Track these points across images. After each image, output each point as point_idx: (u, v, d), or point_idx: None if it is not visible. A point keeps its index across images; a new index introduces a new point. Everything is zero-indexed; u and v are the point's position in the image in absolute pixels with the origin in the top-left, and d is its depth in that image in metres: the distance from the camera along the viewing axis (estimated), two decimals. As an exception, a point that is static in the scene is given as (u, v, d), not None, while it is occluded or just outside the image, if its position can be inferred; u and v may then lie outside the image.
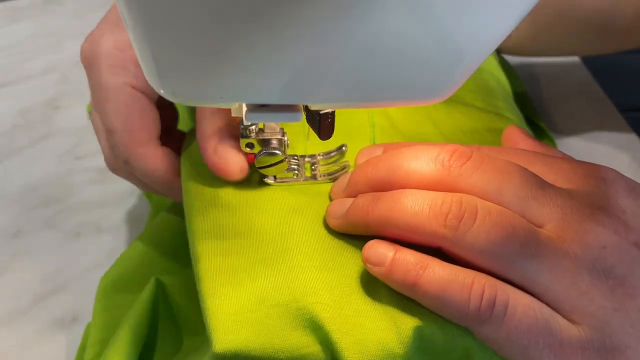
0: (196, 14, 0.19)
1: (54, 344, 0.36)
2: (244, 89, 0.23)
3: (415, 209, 0.24)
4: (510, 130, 0.34)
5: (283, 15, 0.19)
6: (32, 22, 0.64)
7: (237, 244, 0.28)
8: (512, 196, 0.25)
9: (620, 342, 0.23)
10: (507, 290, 0.23)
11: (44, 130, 0.51)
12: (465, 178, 0.25)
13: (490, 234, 0.23)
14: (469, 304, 0.23)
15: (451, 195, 0.24)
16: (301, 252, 0.27)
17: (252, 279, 0.26)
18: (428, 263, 0.24)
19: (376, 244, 0.25)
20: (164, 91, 0.22)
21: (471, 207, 0.24)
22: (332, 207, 0.28)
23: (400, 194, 0.25)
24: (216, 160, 0.29)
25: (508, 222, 0.24)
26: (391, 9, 0.20)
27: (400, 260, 0.24)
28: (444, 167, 0.25)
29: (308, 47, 0.21)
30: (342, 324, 0.24)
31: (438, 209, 0.24)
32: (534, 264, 0.23)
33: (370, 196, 0.26)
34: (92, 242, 0.42)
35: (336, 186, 0.30)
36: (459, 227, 0.23)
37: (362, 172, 0.28)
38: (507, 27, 0.23)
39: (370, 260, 0.25)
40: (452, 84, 0.25)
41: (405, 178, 0.26)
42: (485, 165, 0.25)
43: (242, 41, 0.20)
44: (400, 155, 0.26)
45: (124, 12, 0.20)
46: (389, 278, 0.24)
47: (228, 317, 0.24)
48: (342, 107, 0.30)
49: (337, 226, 0.27)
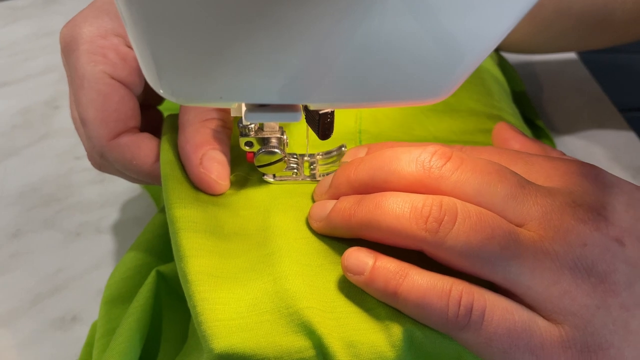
0: (196, 14, 0.19)
1: (54, 344, 0.36)
2: (243, 89, 0.23)
3: (397, 212, 0.24)
4: (500, 128, 0.34)
5: (283, 14, 0.19)
6: (32, 22, 0.64)
7: (224, 245, 0.27)
8: (492, 196, 0.25)
9: (603, 340, 0.23)
10: (484, 295, 0.24)
11: (44, 130, 0.51)
12: (445, 179, 0.25)
13: (469, 236, 0.23)
14: (447, 312, 0.23)
15: (432, 198, 0.24)
16: (289, 256, 0.26)
17: (242, 284, 0.26)
18: (407, 272, 0.24)
19: (355, 252, 0.25)
20: (163, 90, 0.22)
21: (451, 210, 0.24)
22: (314, 210, 0.28)
23: (382, 197, 0.25)
24: (201, 173, 0.29)
25: (487, 224, 0.24)
26: (391, 9, 0.20)
27: (380, 268, 0.24)
28: (425, 169, 0.25)
29: (307, 46, 0.21)
30: (333, 327, 0.24)
31: (419, 212, 0.24)
32: (515, 265, 0.24)
33: (353, 199, 0.26)
34: (92, 242, 0.42)
35: (319, 188, 0.30)
36: (439, 230, 0.24)
37: (344, 174, 0.28)
38: (506, 26, 0.23)
39: (350, 269, 0.25)
40: (452, 84, 0.25)
41: (387, 180, 0.26)
42: (465, 166, 0.25)
43: (241, 41, 0.20)
44: (382, 158, 0.26)
45: (123, 11, 0.20)
46: (370, 287, 0.25)
47: (221, 322, 0.24)
48: (342, 107, 0.30)
49: (319, 229, 0.27)
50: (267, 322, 0.24)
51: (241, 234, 0.28)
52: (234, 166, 0.31)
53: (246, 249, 0.27)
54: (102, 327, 0.33)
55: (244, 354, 0.24)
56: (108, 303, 0.34)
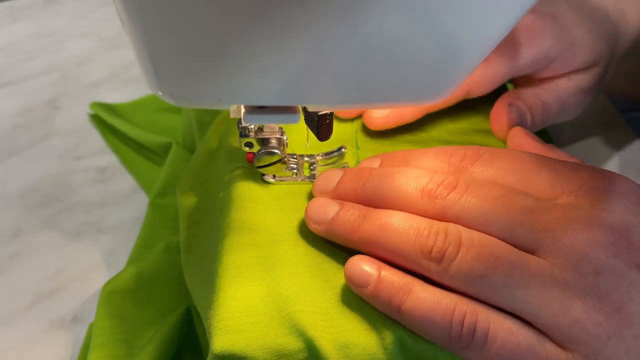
0: (194, 15, 0.19)
1: (54, 344, 0.36)
2: (241, 91, 0.23)
3: (402, 237, 0.24)
4: (515, 133, 0.34)
5: (282, 16, 0.19)
6: (32, 22, 0.64)
7: (229, 244, 0.28)
8: (498, 224, 0.24)
9: None
10: (489, 316, 0.23)
11: (44, 130, 0.51)
12: (449, 209, 0.25)
13: (472, 266, 0.23)
14: (450, 331, 0.23)
15: (437, 226, 0.24)
16: (287, 259, 0.27)
17: (236, 285, 0.26)
18: (411, 287, 0.24)
19: (359, 262, 0.25)
20: (161, 92, 0.22)
21: (455, 240, 0.24)
22: (314, 210, 0.27)
23: (387, 219, 0.25)
24: None
25: (491, 253, 0.23)
26: (390, 10, 0.20)
27: (384, 282, 0.24)
28: (430, 199, 0.25)
29: (306, 48, 0.21)
30: (325, 329, 0.24)
31: (424, 240, 0.24)
32: (520, 294, 0.23)
33: (357, 212, 0.26)
34: (92, 242, 0.42)
35: (320, 183, 0.29)
36: (442, 261, 0.24)
37: (352, 185, 0.27)
38: (505, 27, 0.23)
39: (354, 281, 0.25)
40: (452, 84, 0.25)
41: (394, 205, 0.26)
42: (470, 193, 0.25)
43: (240, 43, 0.20)
44: (391, 181, 0.26)
45: (121, 13, 0.20)
46: (374, 301, 0.25)
47: (222, 321, 0.25)
48: (341, 109, 0.30)
49: (317, 232, 0.27)
50: (260, 324, 0.24)
51: (248, 233, 0.28)
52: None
53: (249, 249, 0.27)
54: (99, 330, 0.33)
55: (235, 355, 0.24)
56: (105, 298, 0.35)
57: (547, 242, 0.23)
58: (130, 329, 0.34)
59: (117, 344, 0.33)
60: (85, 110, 0.53)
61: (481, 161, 0.27)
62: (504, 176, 0.26)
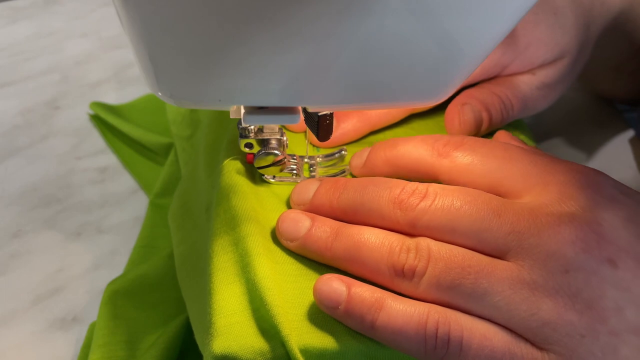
0: (194, 16, 0.19)
1: (54, 344, 0.36)
2: (241, 91, 0.23)
3: (374, 255, 0.25)
4: (499, 137, 0.34)
5: (282, 17, 0.19)
6: (32, 22, 0.64)
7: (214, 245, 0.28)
8: (466, 231, 0.24)
9: None
10: (461, 323, 0.23)
11: (44, 130, 0.51)
12: (419, 220, 0.25)
13: (440, 279, 0.24)
14: (425, 344, 0.23)
15: (408, 242, 0.25)
16: (263, 256, 0.26)
17: (216, 289, 0.26)
18: (382, 303, 0.24)
19: (328, 281, 0.25)
20: (161, 93, 0.22)
21: (425, 255, 0.24)
22: (285, 226, 0.27)
23: (360, 236, 0.25)
24: None
25: (458, 264, 0.24)
26: (390, 11, 0.20)
27: (355, 300, 0.24)
28: (402, 210, 0.25)
29: (306, 49, 0.21)
30: (294, 329, 0.25)
31: (396, 258, 0.24)
32: (489, 300, 0.23)
33: (330, 229, 0.26)
34: (92, 242, 0.42)
35: (297, 195, 0.29)
36: (413, 277, 0.24)
37: (327, 197, 0.28)
38: (505, 27, 0.23)
39: (324, 303, 0.25)
40: (451, 85, 0.25)
41: (368, 216, 0.26)
42: (438, 201, 0.25)
43: (240, 43, 0.20)
44: (365, 192, 0.27)
45: (120, 13, 0.20)
46: (347, 321, 0.25)
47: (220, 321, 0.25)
48: (341, 109, 0.30)
49: (291, 248, 0.27)
50: (237, 324, 0.25)
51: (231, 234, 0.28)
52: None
53: (224, 253, 0.28)
54: (101, 331, 0.33)
55: (233, 353, 0.24)
56: (109, 298, 0.35)
57: (514, 245, 0.24)
58: (133, 330, 0.34)
59: (119, 345, 0.33)
60: (85, 110, 0.53)
61: (463, 147, 0.27)
62: (483, 163, 0.27)
